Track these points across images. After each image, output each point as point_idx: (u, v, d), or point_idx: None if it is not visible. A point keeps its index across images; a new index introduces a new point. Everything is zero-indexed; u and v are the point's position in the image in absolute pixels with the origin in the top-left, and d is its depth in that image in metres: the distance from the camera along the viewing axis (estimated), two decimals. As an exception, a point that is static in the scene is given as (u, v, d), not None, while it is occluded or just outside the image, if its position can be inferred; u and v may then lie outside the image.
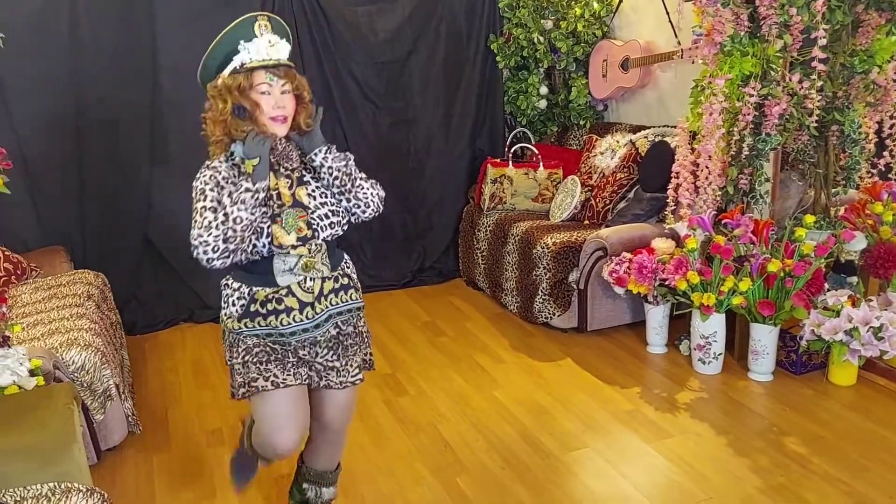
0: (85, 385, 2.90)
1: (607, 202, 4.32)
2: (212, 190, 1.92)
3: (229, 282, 2.07)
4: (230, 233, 1.86)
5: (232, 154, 2.01)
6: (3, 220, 3.88)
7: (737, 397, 3.28)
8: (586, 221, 4.43)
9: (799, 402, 3.19)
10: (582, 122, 5.18)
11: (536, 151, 4.90)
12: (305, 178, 2.06)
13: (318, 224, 2.02)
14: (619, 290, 3.74)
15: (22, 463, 2.12)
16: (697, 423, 3.07)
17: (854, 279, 3.37)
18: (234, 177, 1.96)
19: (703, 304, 3.34)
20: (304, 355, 2.10)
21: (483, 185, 4.87)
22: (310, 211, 2.02)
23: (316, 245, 2.03)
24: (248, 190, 1.88)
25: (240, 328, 2.04)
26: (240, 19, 1.92)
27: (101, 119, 4.31)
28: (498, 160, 4.92)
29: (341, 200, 2.09)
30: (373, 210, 2.13)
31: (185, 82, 3.84)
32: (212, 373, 3.89)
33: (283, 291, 2.01)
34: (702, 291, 3.36)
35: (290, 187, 2.03)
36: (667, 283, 3.48)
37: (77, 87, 4.24)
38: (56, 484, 2.05)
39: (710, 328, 3.42)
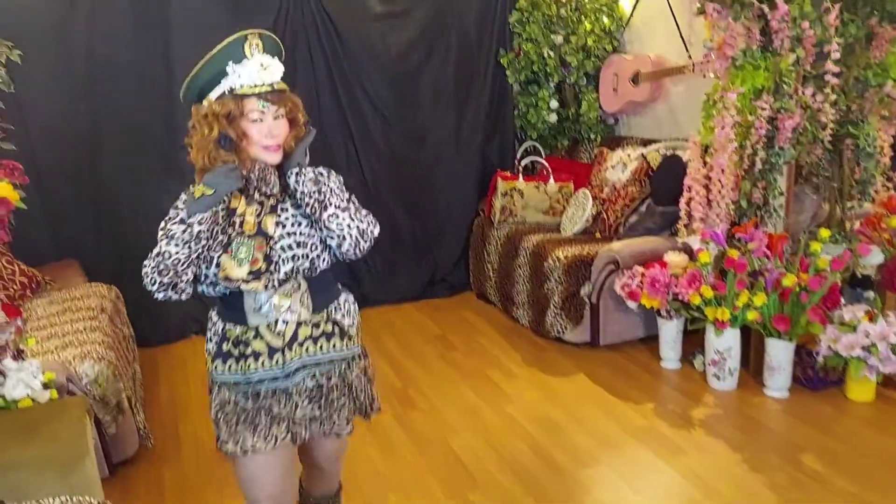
0: (98, 398, 2.90)
1: (619, 215, 4.30)
2: (176, 215, 1.76)
3: (211, 315, 1.93)
4: (162, 266, 1.71)
5: None
6: (19, 234, 3.90)
7: (752, 413, 3.24)
8: (598, 235, 4.41)
9: (816, 418, 3.15)
10: (592, 136, 5.18)
11: (547, 165, 4.89)
12: (283, 206, 1.85)
13: (278, 256, 1.80)
14: (632, 305, 3.72)
15: (35, 476, 2.12)
16: (713, 440, 3.04)
17: (871, 294, 3.34)
18: None
19: (717, 318, 3.31)
20: (279, 412, 1.87)
21: (493, 198, 4.87)
22: (272, 241, 1.80)
23: (278, 281, 1.80)
24: (181, 222, 1.71)
25: (213, 369, 1.88)
26: (229, 39, 1.75)
27: (115, 132, 4.33)
28: (508, 173, 4.91)
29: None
30: (350, 245, 1.84)
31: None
32: (223, 387, 3.88)
33: (252, 333, 1.84)
34: (716, 306, 3.34)
35: (259, 214, 1.81)
36: (680, 297, 3.46)
37: (92, 101, 4.27)
38: (68, 497, 2.04)
39: (724, 343, 3.39)
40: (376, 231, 1.91)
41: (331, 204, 1.82)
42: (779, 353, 3.32)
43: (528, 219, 4.79)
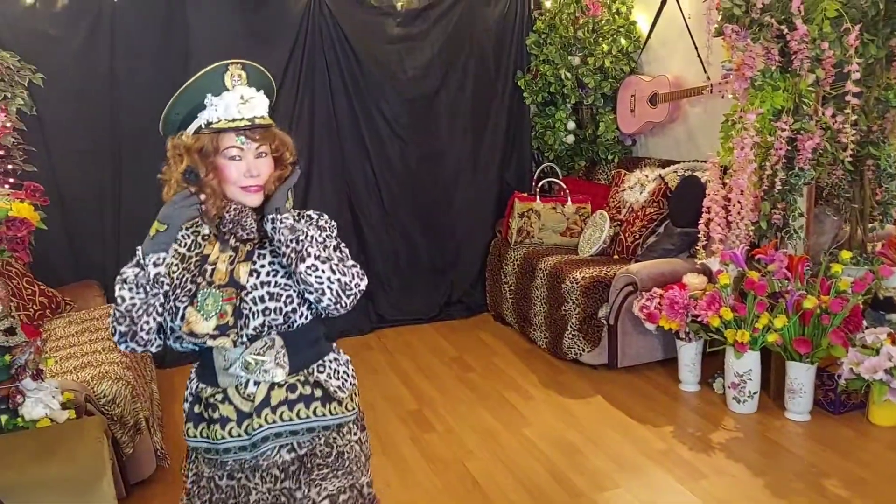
0: (115, 418, 2.91)
1: (637, 237, 4.29)
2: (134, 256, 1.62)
3: (191, 370, 1.76)
4: (117, 313, 1.56)
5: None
6: (40, 255, 3.94)
7: (773, 437, 3.20)
8: (616, 256, 4.39)
9: (838, 442, 3.10)
10: (610, 157, 5.18)
11: (564, 186, 4.89)
12: (261, 252, 1.65)
13: (249, 310, 1.59)
14: (650, 327, 3.69)
15: (52, 495, 2.13)
16: (733, 464, 2.99)
17: (893, 316, 3.29)
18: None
19: (737, 341, 3.28)
20: (257, 499, 1.67)
21: (510, 219, 4.86)
22: (244, 292, 1.59)
23: (248, 337, 1.60)
24: (136, 264, 1.57)
25: (185, 432, 1.70)
26: (207, 68, 1.61)
27: (136, 154, 4.38)
28: (525, 194, 4.91)
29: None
30: (330, 300, 1.60)
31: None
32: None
33: (220, 395, 1.63)
34: (735, 328, 3.31)
35: (232, 262, 1.61)
36: (699, 319, 3.43)
37: (114, 125, 4.33)
38: (85, 519, 2.04)
39: (744, 366, 3.35)
40: (363, 285, 1.67)
41: (309, 254, 1.59)
42: (800, 375, 3.28)
43: (545, 240, 4.78)
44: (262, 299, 1.61)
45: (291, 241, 1.59)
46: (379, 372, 4.25)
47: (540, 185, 4.99)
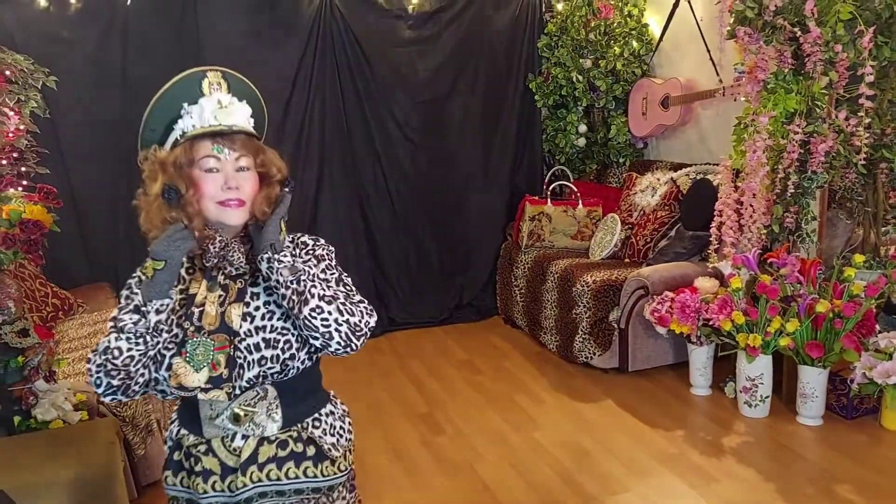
0: (127, 420, 2.92)
1: (648, 240, 4.27)
2: (128, 299, 1.43)
3: (173, 413, 1.60)
4: (109, 365, 1.36)
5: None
6: (53, 257, 3.96)
7: (785, 442, 3.18)
8: (627, 259, 4.38)
9: (851, 447, 3.08)
10: (621, 160, 5.17)
11: (575, 189, 4.88)
12: (254, 290, 1.47)
13: (243, 359, 1.42)
14: (662, 330, 3.67)
15: (65, 496, 2.14)
16: (744, 469, 2.97)
17: (906, 320, 3.27)
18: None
19: (748, 345, 3.26)
20: None
21: (521, 222, 4.86)
22: (237, 339, 1.42)
23: (240, 388, 1.44)
24: (135, 310, 1.38)
25: (164, 478, 1.55)
26: (182, 74, 1.45)
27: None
28: (536, 198, 4.91)
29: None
30: (339, 343, 1.43)
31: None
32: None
33: (204, 447, 1.47)
34: (747, 332, 3.29)
35: (222, 303, 1.43)
36: (711, 323, 3.42)
37: (127, 127, 4.34)
38: (97, 520, 2.05)
39: (756, 370, 3.34)
40: (372, 322, 1.49)
41: (313, 295, 1.41)
42: (812, 380, 3.26)
43: (556, 243, 4.77)
44: (257, 347, 1.43)
45: (292, 282, 1.40)
46: (389, 374, 4.25)
47: (551, 188, 4.99)
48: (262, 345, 1.44)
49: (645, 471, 3.01)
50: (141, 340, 1.37)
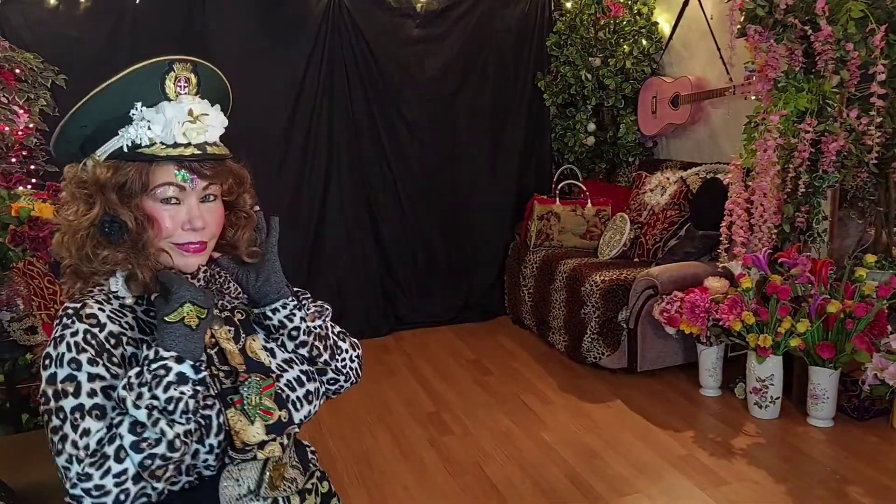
0: (134, 418, 2.92)
1: (657, 239, 4.25)
2: (92, 366, 1.03)
3: None
4: (156, 466, 1.00)
5: (148, 297, 1.15)
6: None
7: (796, 443, 3.15)
8: (636, 259, 4.36)
9: (862, 449, 3.05)
10: (631, 159, 5.15)
11: (584, 188, 4.86)
12: (253, 321, 1.26)
13: (287, 397, 1.17)
14: (671, 330, 3.65)
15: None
16: (754, 470, 2.95)
17: (919, 321, 3.24)
18: (144, 344, 1.08)
19: (759, 345, 3.24)
20: None
21: (529, 221, 4.84)
22: (274, 376, 1.18)
23: (287, 437, 1.19)
24: (182, 379, 1.02)
25: None
26: (141, 64, 1.13)
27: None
28: (545, 197, 4.89)
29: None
30: (352, 382, 1.33)
31: (235, 120, 3.94)
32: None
33: None
34: (758, 332, 3.27)
35: (237, 339, 1.19)
36: (720, 323, 3.39)
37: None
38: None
39: (766, 371, 3.31)
40: (360, 350, 1.38)
41: (334, 335, 1.30)
42: (823, 381, 3.23)
43: (564, 243, 4.75)
44: (299, 381, 1.20)
45: (319, 325, 1.25)
46: (396, 374, 4.24)
47: (560, 187, 4.97)
48: (304, 378, 1.21)
49: (654, 472, 3.00)
50: (197, 414, 1.05)
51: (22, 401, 2.52)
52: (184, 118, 1.10)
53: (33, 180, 3.68)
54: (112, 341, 1.07)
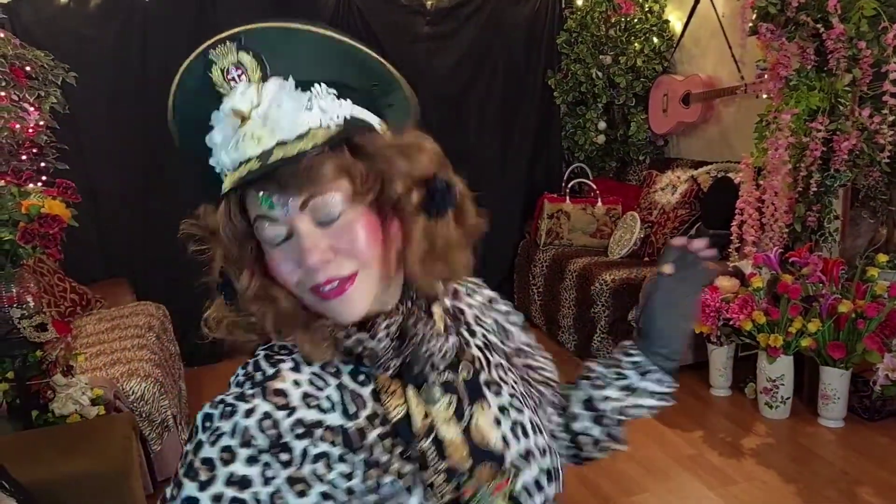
0: (144, 415, 2.93)
1: (668, 238, 4.23)
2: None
3: None
4: None
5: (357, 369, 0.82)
6: (71, 253, 3.98)
7: (806, 443, 3.13)
8: (646, 258, 4.34)
9: (873, 449, 3.03)
10: (641, 158, 5.12)
11: (594, 187, 4.84)
12: (479, 379, 0.89)
13: (522, 485, 0.85)
14: (681, 330, 3.63)
15: (81, 491, 2.14)
16: (764, 470, 2.94)
17: (931, 322, 3.21)
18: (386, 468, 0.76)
19: (769, 345, 3.22)
20: None
21: (539, 220, 4.83)
22: (504, 462, 0.83)
23: None
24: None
25: None
26: (182, 66, 0.89)
27: (169, 152, 4.42)
28: (555, 195, 4.87)
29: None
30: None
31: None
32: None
33: None
34: (768, 332, 3.25)
35: (460, 416, 0.83)
36: (731, 323, 3.37)
37: (146, 123, 4.37)
38: (112, 515, 2.06)
39: (777, 371, 3.29)
40: None
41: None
42: (834, 381, 3.21)
43: (574, 242, 4.74)
44: (530, 454, 0.86)
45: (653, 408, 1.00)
46: (405, 372, 4.24)
47: (570, 185, 4.95)
48: (537, 452, 0.87)
49: (663, 472, 2.98)
50: None
51: (32, 397, 2.53)
52: (232, 127, 0.77)
53: (43, 177, 3.70)
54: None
